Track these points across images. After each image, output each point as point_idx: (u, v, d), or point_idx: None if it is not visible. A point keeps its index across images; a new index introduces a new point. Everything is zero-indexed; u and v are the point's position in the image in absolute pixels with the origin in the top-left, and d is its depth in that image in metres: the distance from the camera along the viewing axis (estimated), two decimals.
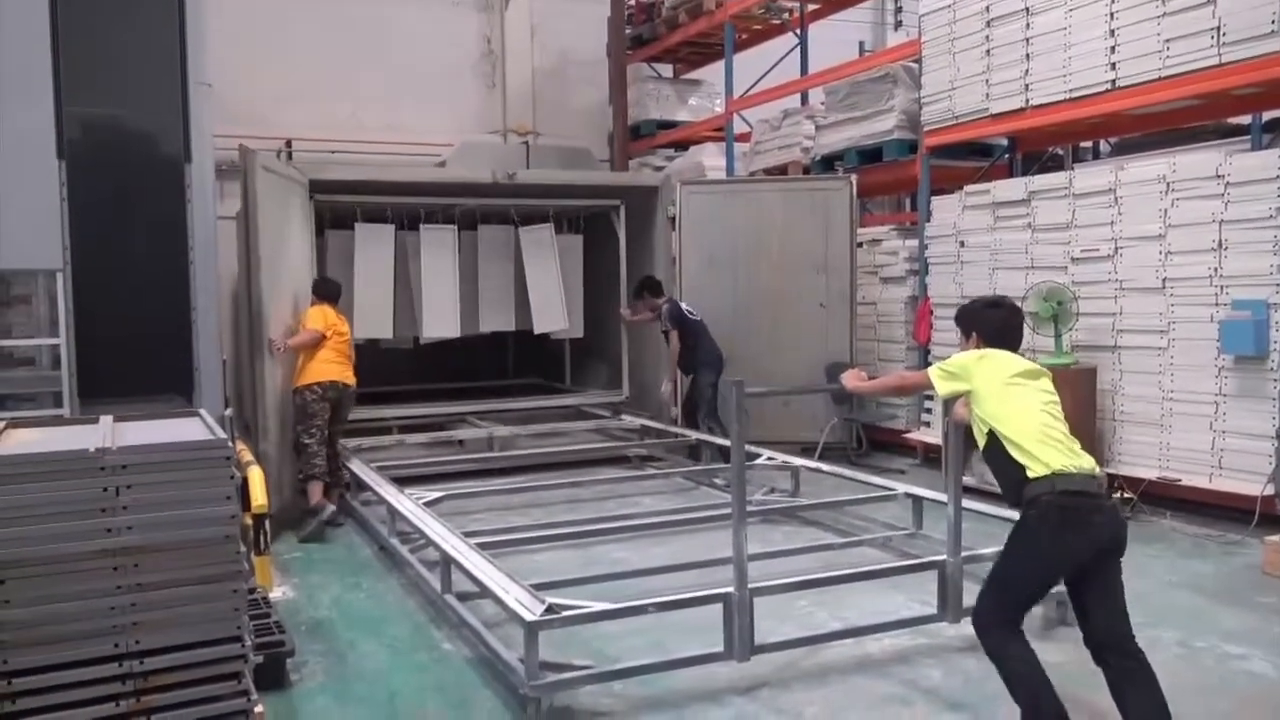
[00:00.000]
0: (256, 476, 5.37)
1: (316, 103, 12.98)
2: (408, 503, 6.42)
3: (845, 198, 9.70)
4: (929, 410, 9.44)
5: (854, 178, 9.84)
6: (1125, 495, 7.20)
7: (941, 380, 3.82)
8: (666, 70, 15.36)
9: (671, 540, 6.60)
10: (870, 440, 10.08)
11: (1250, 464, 6.66)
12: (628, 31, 14.28)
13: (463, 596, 5.27)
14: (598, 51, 14.64)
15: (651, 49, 14.34)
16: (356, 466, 7.69)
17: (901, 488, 6.92)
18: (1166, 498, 7.24)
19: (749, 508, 4.84)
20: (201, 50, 7.26)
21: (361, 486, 7.45)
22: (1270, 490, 6.26)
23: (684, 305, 9.44)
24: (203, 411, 4.29)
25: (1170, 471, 7.19)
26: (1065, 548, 3.46)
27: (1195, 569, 6.03)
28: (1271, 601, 5.39)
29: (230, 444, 3.59)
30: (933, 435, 9.03)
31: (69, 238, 6.68)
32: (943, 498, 5.78)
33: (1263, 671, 4.49)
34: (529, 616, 4.14)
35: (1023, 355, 3.87)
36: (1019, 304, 4.01)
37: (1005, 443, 3.59)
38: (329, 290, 7.83)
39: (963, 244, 8.97)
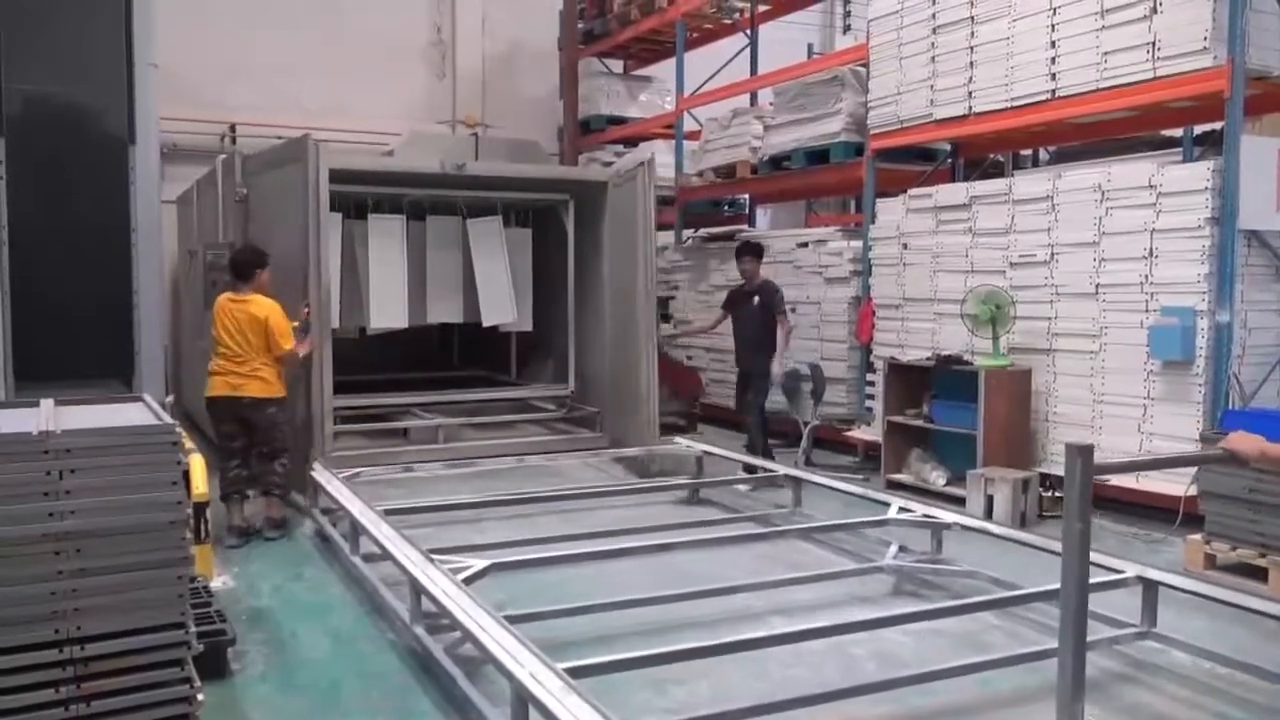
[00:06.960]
0: (198, 465, 5.34)
1: (263, 87, 12.81)
2: (444, 582, 4.48)
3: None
4: (869, 409, 9.59)
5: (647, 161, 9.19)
6: (1056, 494, 7.42)
7: None
8: (617, 66, 15.39)
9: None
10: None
11: None
12: (580, 26, 14.30)
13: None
14: (549, 44, 14.63)
15: (603, 44, 14.36)
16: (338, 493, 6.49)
17: (1132, 570, 4.85)
18: (1096, 497, 7.32)
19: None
20: (149, 29, 7.15)
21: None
22: (1193, 491, 6.48)
23: None
24: (147, 396, 4.25)
25: (1099, 472, 7.39)
26: None
27: None
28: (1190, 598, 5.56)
29: (176, 429, 3.56)
30: (872, 434, 9.17)
31: (7, 217, 6.54)
32: (1193, 586, 4.73)
33: (1181, 661, 4.66)
34: None
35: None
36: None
37: None
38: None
39: (905, 246, 9.14)
